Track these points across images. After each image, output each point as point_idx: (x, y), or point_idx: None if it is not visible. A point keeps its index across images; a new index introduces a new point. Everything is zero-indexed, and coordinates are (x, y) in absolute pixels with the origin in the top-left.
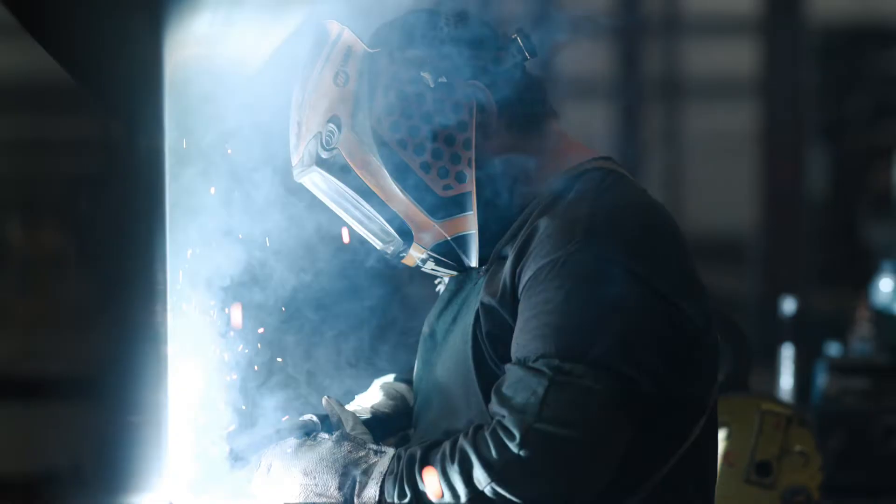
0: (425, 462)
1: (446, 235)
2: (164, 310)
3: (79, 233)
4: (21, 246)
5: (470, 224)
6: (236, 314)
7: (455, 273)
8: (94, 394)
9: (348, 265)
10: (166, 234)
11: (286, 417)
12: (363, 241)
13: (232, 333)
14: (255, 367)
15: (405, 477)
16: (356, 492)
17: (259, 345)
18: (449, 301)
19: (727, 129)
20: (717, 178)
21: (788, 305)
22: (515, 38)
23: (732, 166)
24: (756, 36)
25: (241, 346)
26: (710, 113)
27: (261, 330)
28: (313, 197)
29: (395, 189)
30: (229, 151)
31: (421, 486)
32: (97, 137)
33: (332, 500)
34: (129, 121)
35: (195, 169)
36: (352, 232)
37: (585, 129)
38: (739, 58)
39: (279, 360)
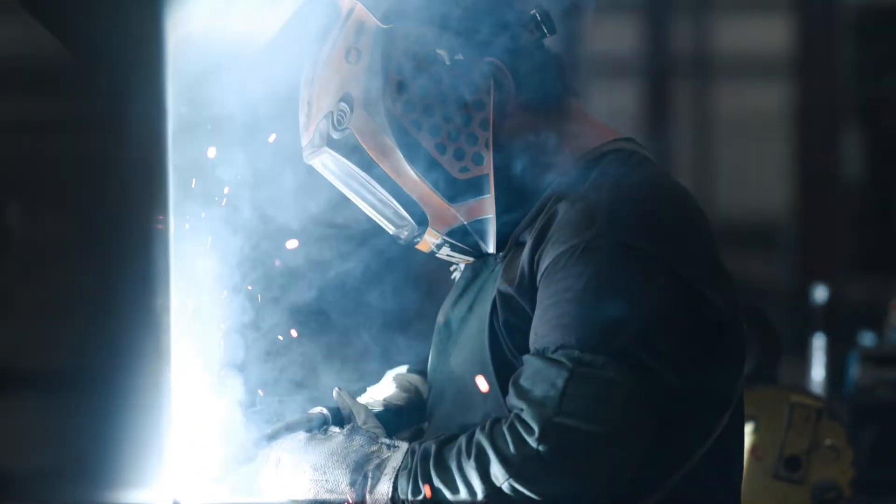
0: (440, 457)
1: (462, 220)
2: (167, 298)
3: (78, 218)
4: (20, 232)
5: (487, 208)
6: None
7: (471, 259)
8: (94, 385)
9: (362, 252)
10: (169, 219)
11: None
12: (377, 228)
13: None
14: (264, 358)
15: (419, 473)
16: (368, 488)
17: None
18: (465, 289)
19: (759, 109)
20: (748, 161)
21: (820, 293)
22: (534, 15)
23: (764, 148)
24: (790, 12)
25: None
26: (741, 92)
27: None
28: (324, 180)
29: (410, 171)
30: (236, 134)
31: (436, 483)
32: (94, 117)
33: (343, 497)
34: (130, 100)
35: (200, 150)
36: (364, 216)
37: (610, 109)
38: (772, 35)
39: (293, 332)
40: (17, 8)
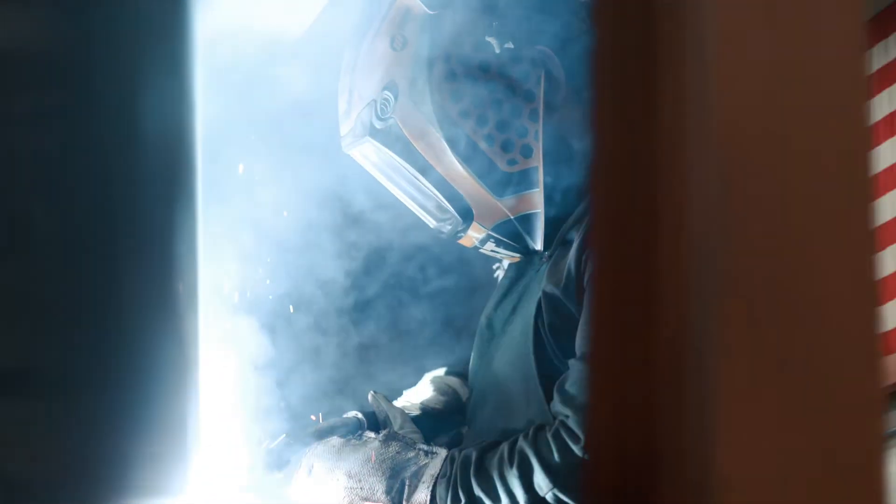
0: (481, 465)
1: (509, 214)
2: (194, 297)
3: (96, 213)
4: (36, 230)
5: (535, 202)
6: None
7: (517, 256)
8: (116, 388)
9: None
10: (197, 214)
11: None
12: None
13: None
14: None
15: (459, 481)
16: (405, 496)
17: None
18: (508, 289)
19: None
20: None
21: None
22: (585, 2)
23: None
24: None
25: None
26: None
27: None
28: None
29: (455, 163)
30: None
31: (476, 491)
32: (114, 112)
33: None
34: (154, 94)
35: (231, 146)
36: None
37: None
38: None
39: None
40: None
